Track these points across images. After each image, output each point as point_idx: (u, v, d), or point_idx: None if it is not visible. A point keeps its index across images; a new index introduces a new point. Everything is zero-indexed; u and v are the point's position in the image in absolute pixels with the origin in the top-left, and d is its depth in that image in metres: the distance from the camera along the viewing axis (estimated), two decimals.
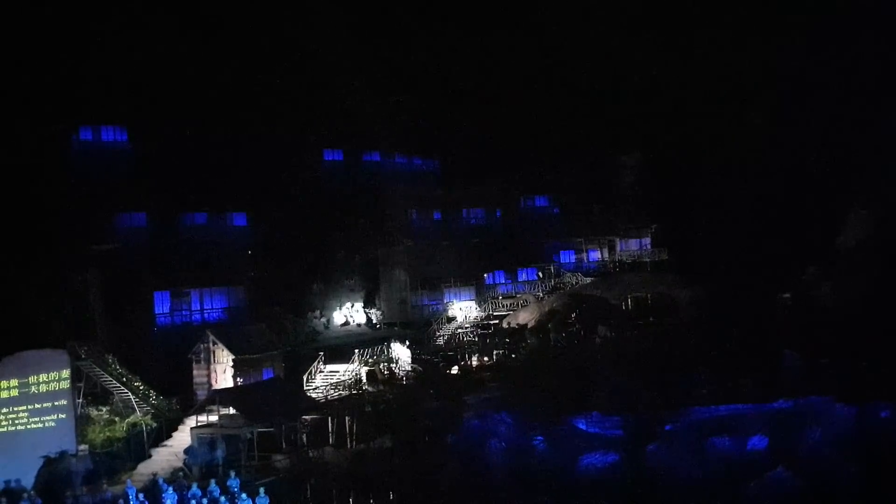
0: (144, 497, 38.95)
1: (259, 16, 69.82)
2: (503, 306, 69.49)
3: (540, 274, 74.23)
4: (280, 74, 69.63)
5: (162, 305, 58.01)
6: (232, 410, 46.76)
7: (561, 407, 42.65)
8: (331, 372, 55.16)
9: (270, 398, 48.02)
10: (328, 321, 64.97)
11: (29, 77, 57.58)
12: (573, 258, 78.50)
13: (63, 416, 44.30)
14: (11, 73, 56.94)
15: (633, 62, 77.68)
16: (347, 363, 55.21)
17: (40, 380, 44.05)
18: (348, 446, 46.91)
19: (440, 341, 64.13)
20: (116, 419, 47.57)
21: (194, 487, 38.86)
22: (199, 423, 46.93)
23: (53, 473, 42.37)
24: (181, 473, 42.76)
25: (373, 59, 70.98)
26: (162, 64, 63.24)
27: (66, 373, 44.89)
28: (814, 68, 68.91)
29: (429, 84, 76.69)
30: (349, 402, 50.01)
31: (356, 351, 55.78)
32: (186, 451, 45.54)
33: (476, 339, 63.73)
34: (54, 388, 44.31)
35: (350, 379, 53.63)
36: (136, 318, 56.04)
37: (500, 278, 74.50)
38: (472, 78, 78.26)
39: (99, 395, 49.27)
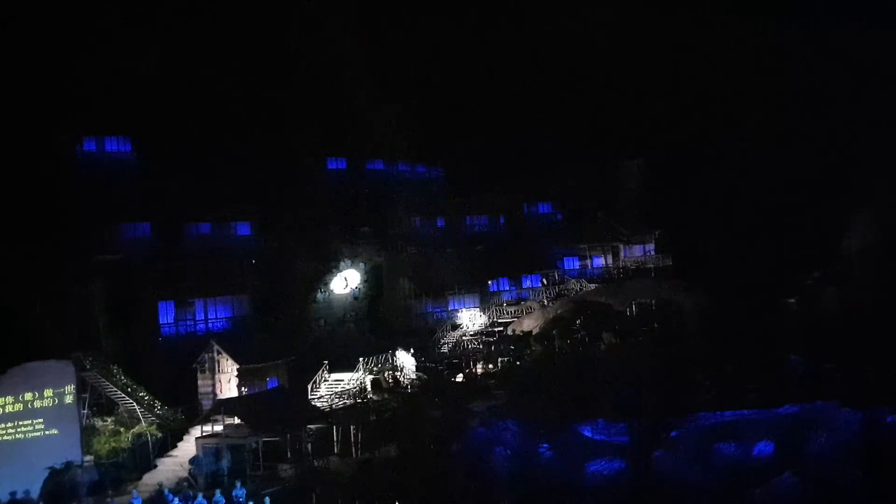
0: None
1: (262, 26, 69.98)
2: (508, 313, 69.43)
3: (544, 280, 74.15)
4: (283, 84, 69.74)
5: (166, 315, 57.95)
6: (237, 420, 46.75)
7: (566, 414, 42.58)
8: (335, 381, 55.15)
9: (275, 407, 48.02)
10: (332, 330, 65.01)
11: (34, 88, 57.71)
12: (577, 264, 78.42)
13: (68, 426, 44.34)
14: (16, 84, 57.09)
15: (636, 67, 77.79)
16: (352, 372, 55.19)
17: (45, 391, 44.11)
18: (353, 455, 46.86)
19: (445, 349, 64.10)
20: (121, 429, 47.58)
21: (200, 497, 38.81)
22: (204, 433, 46.91)
23: (59, 484, 42.43)
24: (186, 483, 42.75)
25: (376, 67, 71.11)
26: (165, 74, 63.37)
27: (71, 384, 44.98)
28: (818, 71, 68.98)
29: (432, 91, 76.80)
30: (354, 410, 49.94)
31: (361, 359, 55.79)
32: (192, 461, 45.53)
33: (481, 346, 63.70)
34: (59, 398, 44.37)
35: (355, 387, 53.59)
36: (141, 328, 56.03)
37: (505, 285, 74.43)
38: (475, 85, 78.37)
39: (104, 406, 49.33)
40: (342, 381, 54.79)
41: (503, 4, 79.35)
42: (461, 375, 57.92)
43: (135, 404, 48.48)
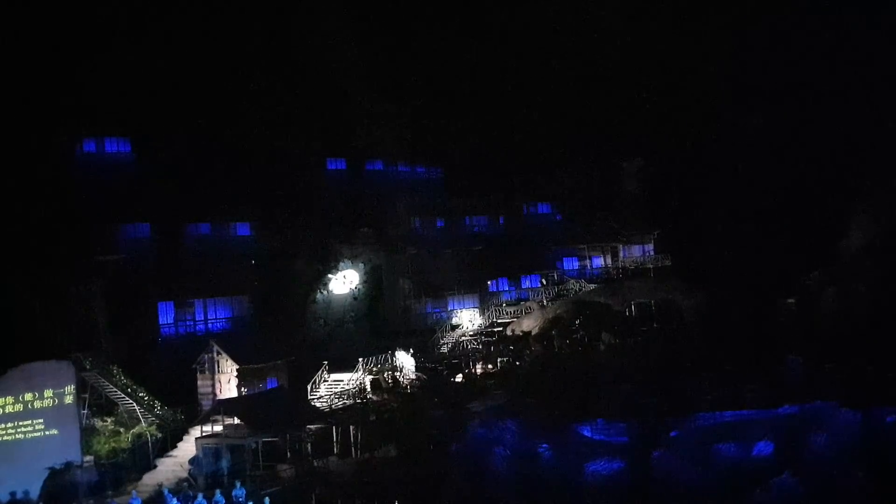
0: None
1: (261, 26, 69.94)
2: (507, 313, 69.46)
3: (543, 281, 74.18)
4: (283, 84, 69.72)
5: (166, 316, 58.04)
6: (236, 420, 46.78)
7: (566, 414, 42.62)
8: (335, 381, 55.19)
9: (275, 408, 48.08)
10: (332, 330, 65.04)
11: (33, 89, 57.71)
12: (576, 265, 78.45)
13: (68, 426, 44.37)
14: (16, 85, 57.09)
15: (634, 68, 77.77)
16: (352, 372, 55.22)
17: (45, 391, 44.14)
18: (353, 455, 46.94)
19: (444, 349, 64.15)
20: (121, 430, 47.64)
21: (199, 497, 38.85)
22: (203, 434, 46.95)
23: (59, 484, 42.51)
24: (186, 484, 42.77)
25: (375, 67, 71.10)
26: (164, 75, 63.36)
27: (71, 384, 45.00)
28: (818, 70, 68.97)
29: (431, 92, 76.77)
30: (353, 411, 50.03)
31: (360, 360, 55.83)
32: (191, 461, 45.59)
33: (480, 346, 63.73)
34: (59, 399, 44.40)
35: (354, 388, 53.64)
36: (141, 328, 56.08)
37: (504, 285, 74.47)
38: (474, 85, 78.34)
39: (104, 406, 49.38)
40: (342, 381, 54.85)
41: (504, 5, 79.38)
42: (461, 375, 57.98)
43: (135, 404, 48.51)
